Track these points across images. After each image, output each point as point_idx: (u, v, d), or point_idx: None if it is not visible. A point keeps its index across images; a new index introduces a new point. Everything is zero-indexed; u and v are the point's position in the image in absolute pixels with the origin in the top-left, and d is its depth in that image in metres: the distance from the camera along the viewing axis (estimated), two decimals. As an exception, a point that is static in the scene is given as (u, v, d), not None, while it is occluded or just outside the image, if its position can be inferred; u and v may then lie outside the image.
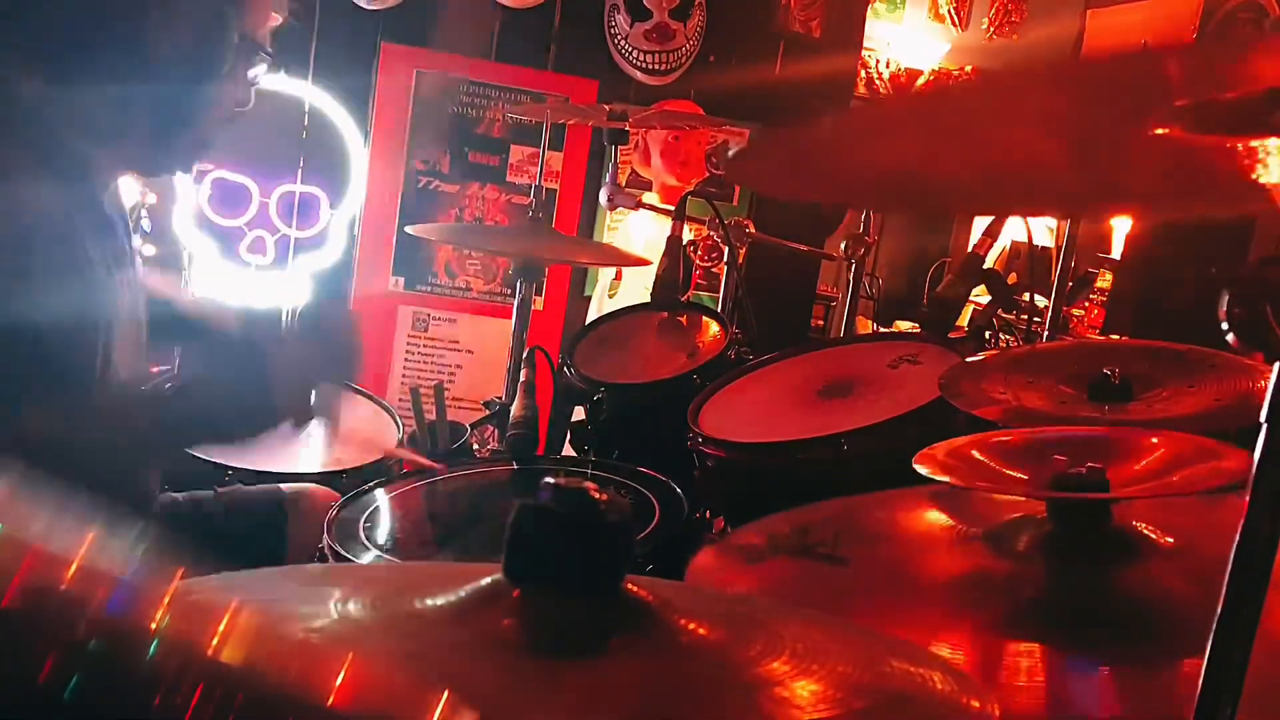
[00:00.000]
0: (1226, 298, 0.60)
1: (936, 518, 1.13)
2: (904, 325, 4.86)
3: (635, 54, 3.99)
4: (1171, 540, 0.98)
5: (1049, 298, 2.32)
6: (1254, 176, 0.58)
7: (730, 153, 0.62)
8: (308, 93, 3.68)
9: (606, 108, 2.43)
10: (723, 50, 4.08)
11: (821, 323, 4.99)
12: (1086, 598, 0.95)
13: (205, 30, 1.24)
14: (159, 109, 1.25)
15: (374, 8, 3.71)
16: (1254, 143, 0.56)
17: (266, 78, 1.37)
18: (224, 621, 0.42)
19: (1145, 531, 0.99)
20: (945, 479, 1.01)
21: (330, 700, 0.42)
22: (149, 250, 3.51)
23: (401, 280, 3.93)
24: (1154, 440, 1.06)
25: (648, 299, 2.20)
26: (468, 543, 1.47)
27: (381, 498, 1.53)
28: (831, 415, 1.57)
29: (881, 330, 4.49)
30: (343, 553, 1.33)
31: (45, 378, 1.14)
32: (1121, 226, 5.11)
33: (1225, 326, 0.60)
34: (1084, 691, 0.80)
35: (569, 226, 3.90)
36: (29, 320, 1.10)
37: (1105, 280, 5.10)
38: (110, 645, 0.40)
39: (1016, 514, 1.05)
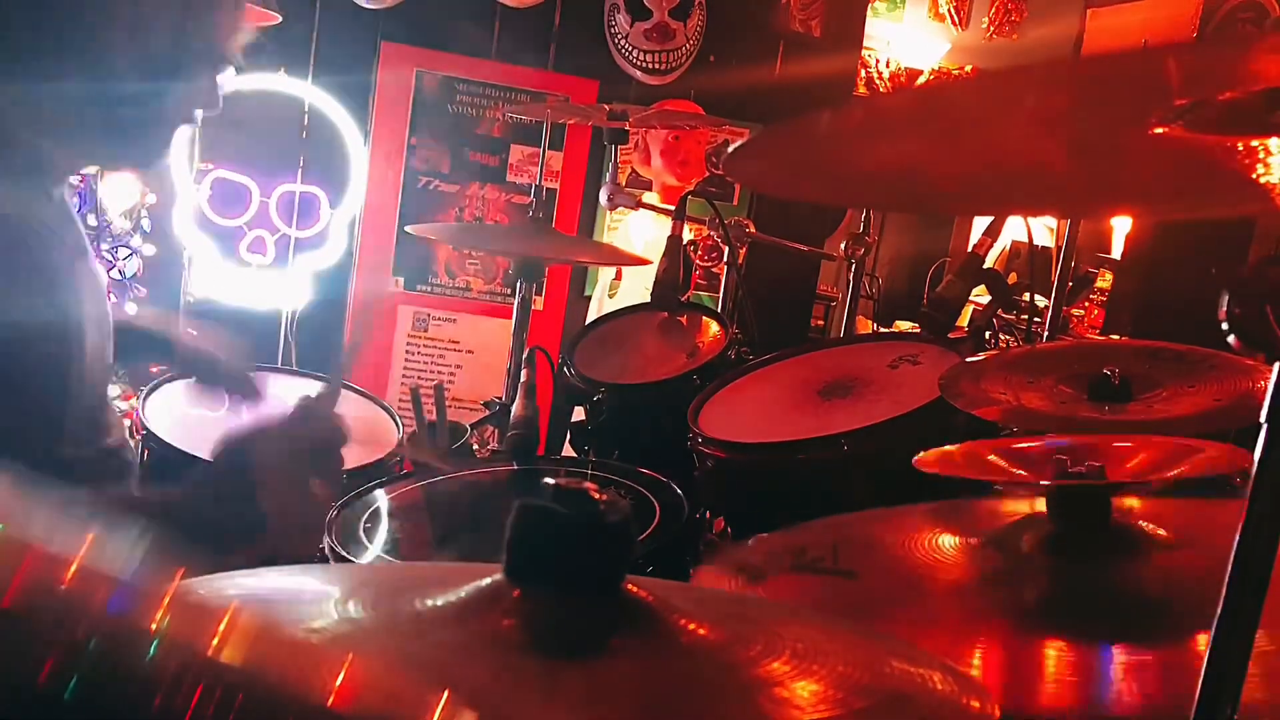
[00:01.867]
0: (1226, 298, 0.60)
1: (936, 530, 1.13)
2: (904, 325, 4.87)
3: (635, 54, 3.99)
4: (1172, 538, 0.99)
5: (1049, 298, 2.32)
6: (1254, 176, 0.58)
7: (729, 149, 0.61)
8: (308, 93, 3.68)
9: (606, 107, 2.43)
10: (723, 50, 4.08)
11: (821, 323, 4.99)
12: (1090, 596, 0.95)
13: (159, 35, 1.23)
14: (113, 109, 1.24)
15: (374, 7, 3.71)
16: (1254, 142, 0.56)
17: (266, 78, 1.37)
18: (224, 621, 0.42)
19: (1146, 529, 0.99)
20: (946, 473, 1.01)
21: (330, 700, 0.42)
22: (149, 250, 3.51)
23: (401, 280, 3.93)
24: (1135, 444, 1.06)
25: (648, 299, 2.20)
26: (468, 543, 1.47)
27: (381, 498, 1.53)
28: (831, 415, 1.57)
29: (881, 330, 4.49)
30: (343, 553, 1.33)
31: (14, 378, 1.13)
32: (1121, 226, 5.11)
33: (1225, 326, 0.60)
34: (1091, 688, 0.80)
35: (569, 226, 3.90)
36: None
37: (1105, 280, 5.11)
38: (110, 645, 0.40)
39: (1017, 518, 1.05)
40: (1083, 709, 0.77)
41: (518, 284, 2.27)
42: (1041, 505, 1.03)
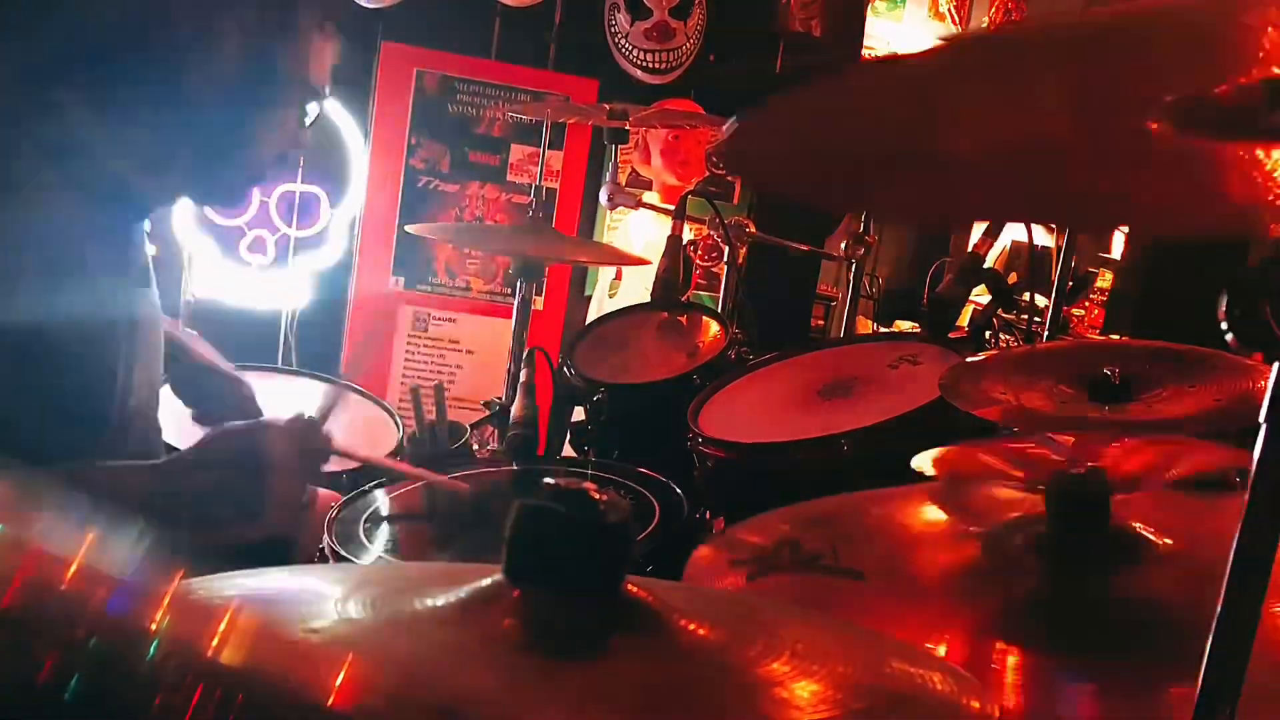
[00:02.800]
0: (1225, 297, 0.60)
1: (934, 515, 1.13)
2: (904, 325, 4.86)
3: (635, 53, 3.99)
4: (1170, 542, 0.98)
5: (1049, 298, 2.32)
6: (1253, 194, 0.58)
7: (725, 130, 0.59)
8: (308, 92, 3.68)
9: (606, 107, 2.43)
10: (723, 49, 4.08)
11: (821, 323, 4.99)
12: (1084, 599, 0.95)
13: (251, 70, 1.22)
14: (202, 144, 1.23)
15: (374, 7, 3.71)
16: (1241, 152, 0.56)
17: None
18: (224, 621, 0.42)
19: (1144, 532, 0.99)
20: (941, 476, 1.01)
21: (330, 700, 0.42)
22: (149, 250, 3.50)
23: (401, 280, 3.93)
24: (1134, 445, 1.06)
25: (648, 299, 2.20)
26: (468, 543, 1.47)
27: (381, 498, 1.53)
28: (831, 415, 1.57)
29: (881, 330, 4.49)
30: (343, 553, 1.33)
31: (63, 402, 1.13)
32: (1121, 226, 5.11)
33: (1224, 326, 0.60)
34: (1078, 694, 0.80)
35: (569, 226, 3.90)
36: (52, 341, 1.10)
37: (1105, 280, 5.11)
38: (110, 645, 0.40)
39: (1015, 514, 1.05)
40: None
41: (518, 284, 2.27)
42: (1040, 500, 1.02)
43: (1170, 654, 0.82)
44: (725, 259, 2.37)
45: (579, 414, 1.98)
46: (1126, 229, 4.49)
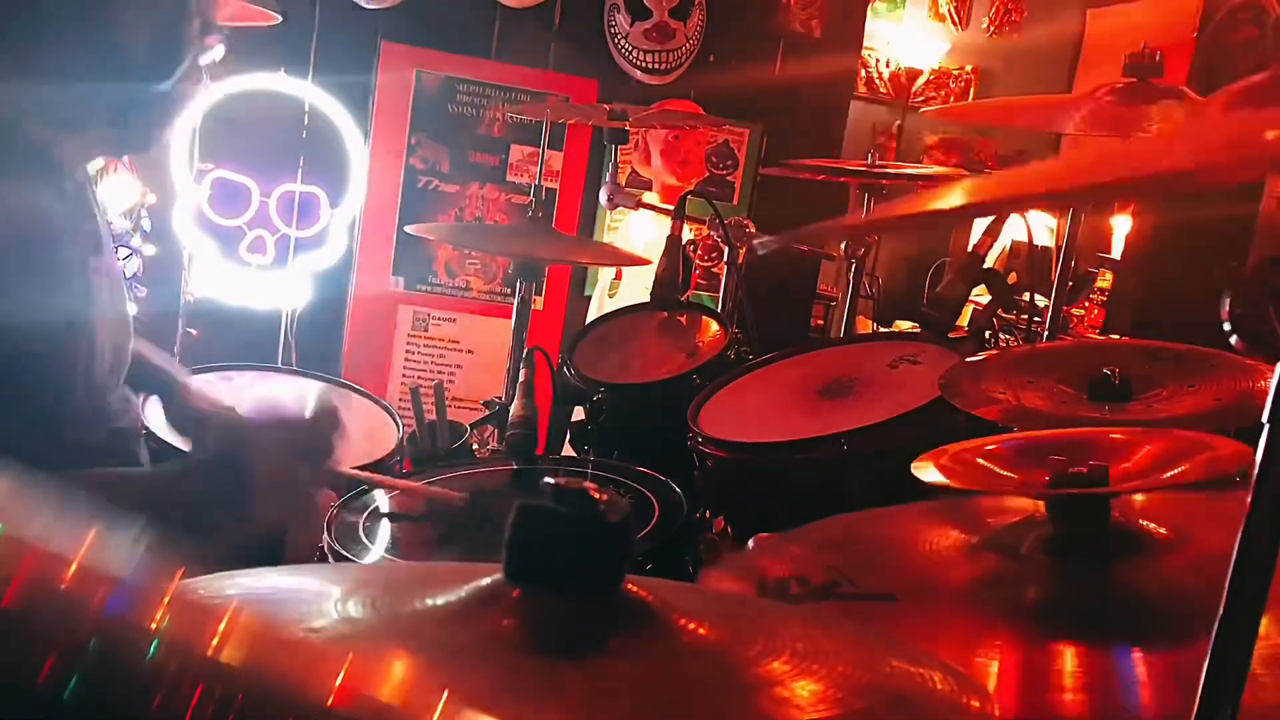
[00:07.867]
0: (1228, 299, 0.60)
1: (936, 528, 1.13)
2: (904, 325, 4.87)
3: (635, 53, 3.99)
4: (1174, 536, 0.98)
5: (1049, 298, 2.31)
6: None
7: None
8: (308, 93, 3.68)
9: (606, 107, 2.43)
10: (723, 50, 4.08)
11: (821, 323, 4.99)
12: (1090, 597, 0.95)
13: (168, 20, 1.22)
14: (121, 97, 1.23)
15: (374, 7, 3.71)
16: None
17: (266, 78, 1.36)
18: (224, 621, 0.42)
19: (1147, 528, 0.99)
20: (944, 482, 1.01)
21: (330, 700, 0.41)
22: (149, 250, 3.51)
23: (401, 280, 3.93)
24: (1146, 440, 1.06)
25: (648, 299, 2.20)
26: (468, 543, 1.47)
27: (381, 497, 1.53)
28: (831, 415, 1.57)
29: (881, 330, 4.49)
30: (343, 553, 1.33)
31: (21, 376, 1.13)
32: (1121, 226, 5.11)
33: (1228, 327, 0.60)
34: (1091, 689, 0.79)
35: (569, 226, 3.90)
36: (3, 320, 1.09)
37: (1105, 280, 5.11)
38: (110, 645, 0.40)
39: (1016, 519, 1.05)
40: (1084, 715, 0.77)
41: (518, 284, 2.27)
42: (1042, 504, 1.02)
43: (1178, 642, 0.82)
44: (725, 259, 2.37)
45: (579, 414, 1.98)
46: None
